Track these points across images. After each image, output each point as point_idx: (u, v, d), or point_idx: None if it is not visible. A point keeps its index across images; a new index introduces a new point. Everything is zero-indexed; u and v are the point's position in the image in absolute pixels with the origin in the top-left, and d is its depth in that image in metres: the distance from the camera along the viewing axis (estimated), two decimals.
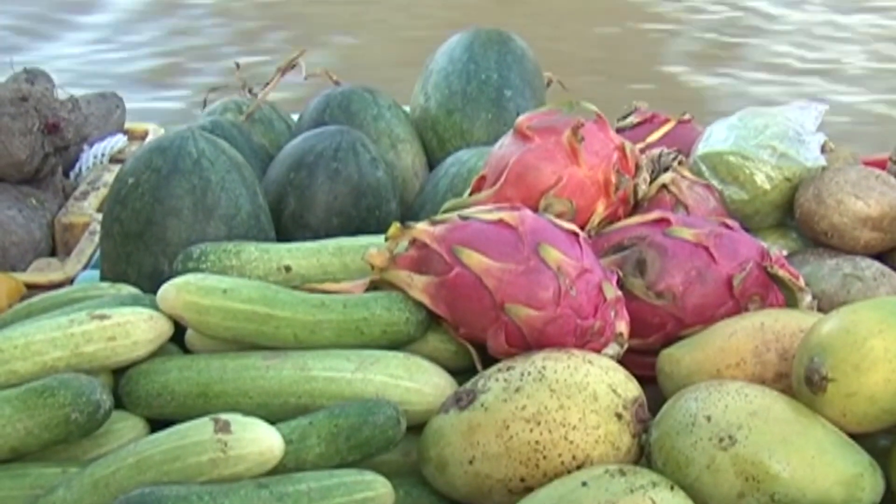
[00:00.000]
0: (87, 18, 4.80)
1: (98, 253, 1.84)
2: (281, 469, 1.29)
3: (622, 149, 1.61)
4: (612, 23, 4.68)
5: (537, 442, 1.29)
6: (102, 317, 1.41)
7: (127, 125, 2.43)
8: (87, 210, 2.12)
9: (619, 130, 1.84)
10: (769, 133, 1.77)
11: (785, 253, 1.68)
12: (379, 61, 4.14)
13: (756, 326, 1.40)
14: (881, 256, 1.71)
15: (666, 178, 1.67)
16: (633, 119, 1.93)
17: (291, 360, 1.41)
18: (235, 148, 1.71)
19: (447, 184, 1.86)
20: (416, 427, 1.38)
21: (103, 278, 1.66)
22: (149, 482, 1.25)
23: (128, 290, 1.54)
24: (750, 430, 1.24)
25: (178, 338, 1.47)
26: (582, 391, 1.31)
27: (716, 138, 1.78)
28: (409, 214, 1.84)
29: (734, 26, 4.70)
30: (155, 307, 1.44)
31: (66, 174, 2.27)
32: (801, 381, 1.29)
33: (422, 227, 1.47)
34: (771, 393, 1.30)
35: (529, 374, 1.33)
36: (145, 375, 1.42)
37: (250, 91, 2.16)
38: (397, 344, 1.44)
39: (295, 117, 2.09)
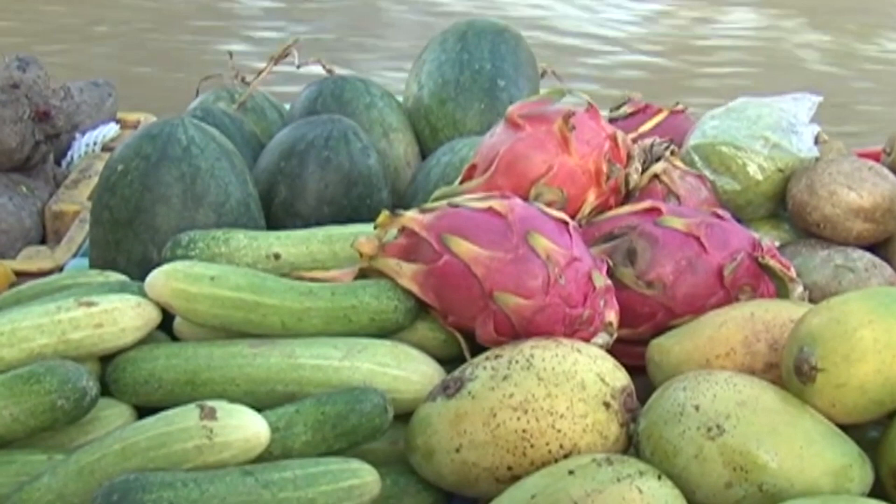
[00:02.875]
0: None
1: (88, 241, 1.83)
2: (267, 456, 1.29)
3: (614, 138, 1.60)
4: None
5: (524, 430, 1.29)
6: (90, 304, 1.40)
7: (119, 114, 2.43)
8: (77, 198, 2.11)
9: (611, 120, 1.84)
10: (762, 124, 1.77)
11: (777, 244, 1.68)
12: None
13: (746, 316, 1.40)
14: (873, 248, 1.71)
15: (658, 167, 1.66)
16: (625, 109, 1.93)
17: (279, 347, 1.40)
18: (227, 136, 1.71)
19: (439, 173, 1.86)
20: (404, 415, 1.38)
21: (93, 266, 1.65)
22: (134, 469, 1.25)
23: (116, 277, 1.54)
24: (738, 419, 1.24)
25: (166, 325, 1.46)
26: (570, 380, 1.31)
27: (708, 128, 1.78)
28: (400, 203, 1.83)
29: None
30: (143, 294, 1.43)
31: (57, 162, 2.27)
32: (791, 372, 1.29)
33: (411, 215, 1.46)
34: (760, 383, 1.30)
35: (517, 362, 1.32)
36: (132, 363, 1.42)
37: (243, 79, 2.16)
38: (385, 332, 1.44)
39: (287, 106, 2.09)
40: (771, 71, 4.15)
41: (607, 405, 1.31)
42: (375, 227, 1.49)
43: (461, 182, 1.61)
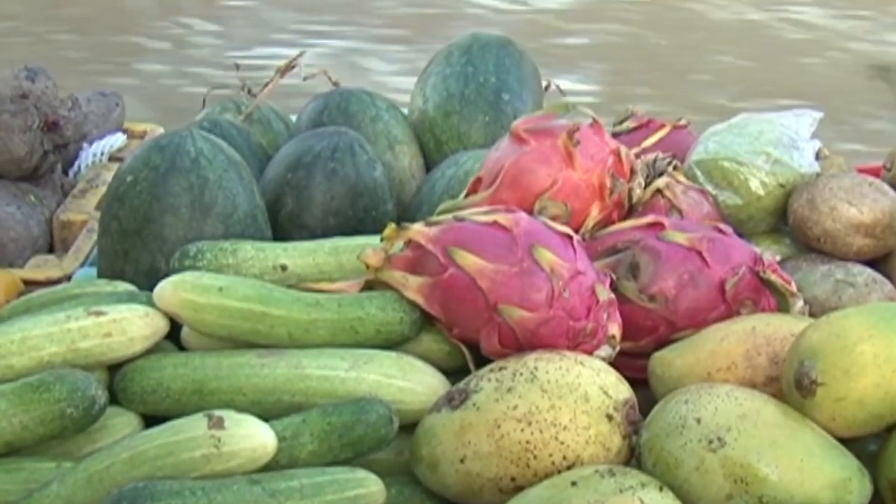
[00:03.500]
0: None
1: (95, 250, 1.84)
2: (274, 466, 1.30)
3: (617, 153, 1.62)
4: None
5: (528, 442, 1.30)
6: (99, 313, 1.42)
7: (126, 124, 2.44)
8: (85, 208, 2.13)
9: (615, 135, 1.85)
10: (764, 139, 1.78)
11: (778, 258, 1.69)
12: None
13: (747, 330, 1.41)
14: (873, 263, 1.72)
15: (660, 182, 1.68)
16: (629, 124, 1.94)
17: (286, 358, 1.42)
18: (234, 147, 1.72)
19: (444, 185, 1.87)
20: (409, 426, 1.39)
21: (101, 275, 1.66)
22: (142, 477, 1.26)
23: (124, 287, 1.55)
24: (739, 432, 1.25)
25: (173, 335, 1.48)
26: (573, 392, 1.32)
27: (711, 144, 1.79)
28: (405, 216, 1.84)
29: None
30: (151, 304, 1.45)
31: (65, 172, 2.28)
32: (791, 385, 1.30)
33: (417, 228, 1.48)
34: (760, 396, 1.31)
35: (521, 374, 1.34)
36: (140, 372, 1.43)
37: (249, 91, 2.17)
38: (391, 343, 1.45)
39: (293, 118, 2.10)
40: None
41: (610, 417, 1.32)
42: (382, 240, 1.50)
43: (466, 195, 1.63)
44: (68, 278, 1.90)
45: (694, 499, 1.25)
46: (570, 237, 1.47)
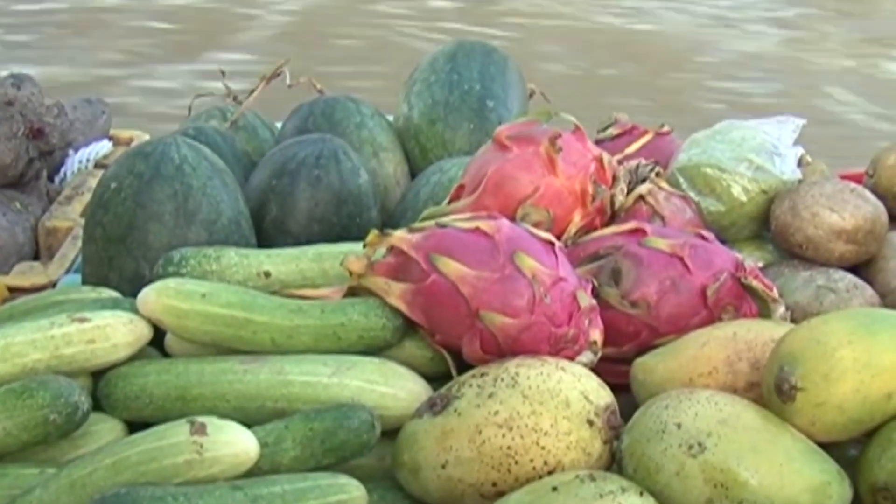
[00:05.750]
0: None
1: (80, 257, 1.85)
2: (256, 472, 1.30)
3: (600, 160, 1.62)
4: None
5: (509, 447, 1.31)
6: (82, 319, 1.42)
7: (112, 131, 2.44)
8: (70, 215, 2.13)
9: (598, 142, 1.86)
10: (747, 146, 1.79)
11: (760, 264, 1.70)
12: None
13: (728, 336, 1.42)
14: (855, 269, 1.73)
15: (643, 189, 1.69)
16: (612, 131, 1.95)
17: (269, 364, 1.42)
18: (218, 154, 1.72)
19: (428, 192, 1.88)
20: (391, 432, 1.39)
21: (85, 282, 1.67)
22: (125, 483, 1.26)
23: (108, 293, 1.55)
24: (719, 437, 1.26)
25: (157, 341, 1.48)
26: (554, 397, 1.32)
27: (693, 150, 1.80)
28: (390, 222, 1.85)
29: None
30: (135, 311, 1.45)
31: (50, 179, 2.29)
32: (772, 390, 1.31)
33: (400, 235, 1.48)
34: (741, 401, 1.31)
35: (503, 380, 1.34)
36: (124, 378, 1.43)
37: (235, 98, 2.18)
38: (374, 349, 1.45)
39: (279, 125, 2.11)
40: None
41: (591, 423, 1.33)
42: (365, 246, 1.51)
43: (449, 202, 1.63)
44: (53, 285, 1.90)
45: None
46: (552, 243, 1.47)
